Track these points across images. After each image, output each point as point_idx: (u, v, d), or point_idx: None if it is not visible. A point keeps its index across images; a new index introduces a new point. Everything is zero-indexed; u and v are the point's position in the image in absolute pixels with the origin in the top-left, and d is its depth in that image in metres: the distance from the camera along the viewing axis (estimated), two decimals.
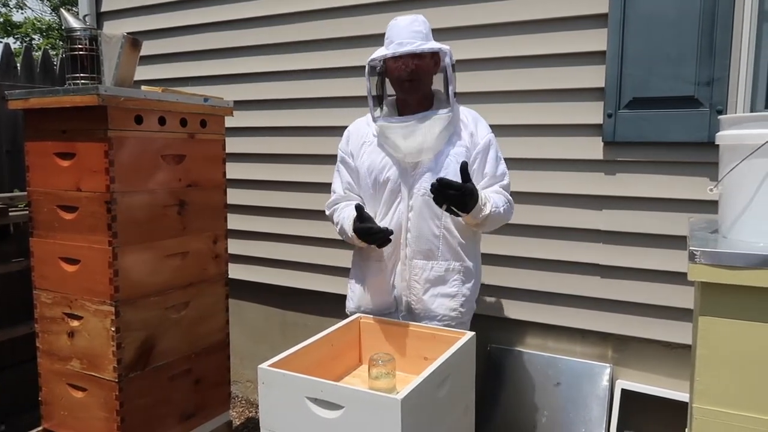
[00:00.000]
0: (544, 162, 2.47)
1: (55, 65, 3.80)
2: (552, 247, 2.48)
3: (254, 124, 3.11)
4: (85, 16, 3.42)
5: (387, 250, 1.95)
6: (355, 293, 2.09)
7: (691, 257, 1.26)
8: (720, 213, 1.45)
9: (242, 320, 3.35)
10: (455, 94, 1.92)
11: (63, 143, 2.02)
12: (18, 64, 3.58)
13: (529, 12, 2.41)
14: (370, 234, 1.83)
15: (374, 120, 1.97)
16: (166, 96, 2.11)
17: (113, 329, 1.98)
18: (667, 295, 2.29)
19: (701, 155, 2.17)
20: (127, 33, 2.14)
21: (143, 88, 2.13)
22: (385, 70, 1.99)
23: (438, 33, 2.59)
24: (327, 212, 2.11)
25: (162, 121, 2.11)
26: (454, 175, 1.80)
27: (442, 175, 1.81)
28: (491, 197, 1.88)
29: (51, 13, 16.58)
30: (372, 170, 1.98)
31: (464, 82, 2.57)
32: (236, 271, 3.14)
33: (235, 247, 3.06)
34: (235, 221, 3.03)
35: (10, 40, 15.61)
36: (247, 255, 3.22)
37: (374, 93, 1.99)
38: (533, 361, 2.56)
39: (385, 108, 2.05)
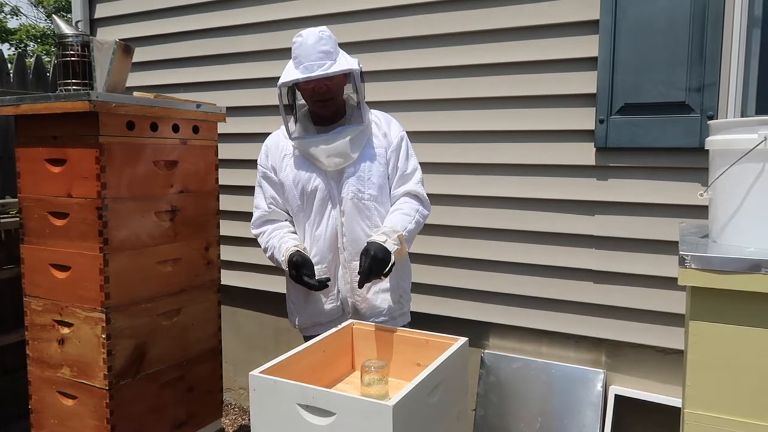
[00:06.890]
0: (537, 168, 2.47)
1: (48, 72, 3.80)
2: (544, 252, 2.48)
3: (248, 130, 3.11)
4: (77, 22, 3.43)
5: (327, 257, 2.00)
6: (299, 306, 2.09)
7: (681, 262, 1.26)
8: (710, 218, 1.45)
9: (236, 327, 3.33)
10: (366, 102, 1.98)
11: (54, 149, 2.01)
12: (11, 71, 3.58)
13: (521, 18, 2.42)
14: (307, 285, 1.90)
15: (290, 137, 2.00)
16: (158, 102, 2.11)
17: (104, 336, 1.97)
18: (660, 300, 2.29)
19: (692, 161, 2.18)
20: (120, 39, 2.14)
21: (135, 94, 2.13)
22: (296, 86, 2.00)
23: (431, 39, 2.61)
24: (253, 231, 2.11)
25: (154, 127, 2.11)
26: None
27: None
28: (394, 223, 1.92)
29: (45, 20, 16.58)
30: (298, 182, 2.00)
31: (456, 88, 2.58)
32: (230, 278, 3.13)
33: (228, 253, 3.05)
34: (228, 227, 3.02)
35: (5, 47, 15.61)
36: (240, 261, 3.21)
37: (286, 102, 2.01)
38: (527, 366, 2.56)
39: (299, 120, 2.06)
